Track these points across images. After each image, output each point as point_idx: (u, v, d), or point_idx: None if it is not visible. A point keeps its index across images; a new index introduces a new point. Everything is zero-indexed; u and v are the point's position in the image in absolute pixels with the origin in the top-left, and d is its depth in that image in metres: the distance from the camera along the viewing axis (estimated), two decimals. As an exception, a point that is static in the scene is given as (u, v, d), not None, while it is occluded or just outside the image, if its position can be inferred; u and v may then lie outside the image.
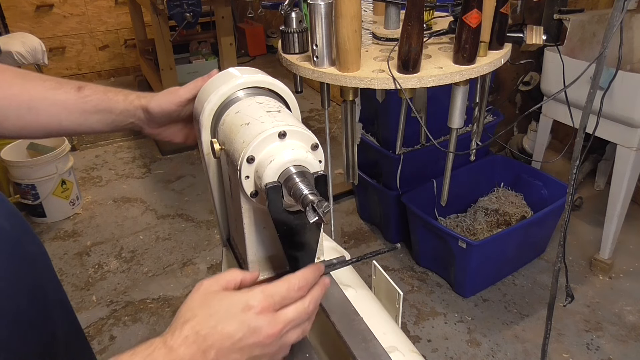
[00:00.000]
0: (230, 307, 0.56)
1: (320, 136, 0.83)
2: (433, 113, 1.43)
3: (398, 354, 0.76)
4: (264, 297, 0.57)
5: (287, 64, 1.08)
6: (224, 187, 0.85)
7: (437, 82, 0.95)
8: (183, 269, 2.18)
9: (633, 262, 2.11)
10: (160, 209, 2.61)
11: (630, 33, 2.15)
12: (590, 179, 2.57)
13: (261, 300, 0.57)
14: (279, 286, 0.59)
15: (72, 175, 2.57)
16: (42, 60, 2.95)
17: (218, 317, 0.55)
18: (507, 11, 1.01)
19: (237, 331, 0.55)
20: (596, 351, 1.72)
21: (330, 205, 0.61)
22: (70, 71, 4.31)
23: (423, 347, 1.75)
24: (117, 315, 1.94)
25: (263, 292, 0.58)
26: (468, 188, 2.25)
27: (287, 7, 1.02)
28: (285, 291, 0.59)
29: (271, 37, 4.85)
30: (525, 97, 2.69)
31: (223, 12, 2.90)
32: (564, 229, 1.20)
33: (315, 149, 0.68)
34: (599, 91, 1.09)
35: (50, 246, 2.35)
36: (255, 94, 0.77)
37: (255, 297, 0.57)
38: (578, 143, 1.12)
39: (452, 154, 1.14)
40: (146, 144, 3.30)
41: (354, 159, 1.19)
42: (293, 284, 0.59)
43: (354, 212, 2.51)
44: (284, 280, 0.60)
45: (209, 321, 0.55)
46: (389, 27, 1.14)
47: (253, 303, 0.56)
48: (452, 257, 1.90)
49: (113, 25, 4.34)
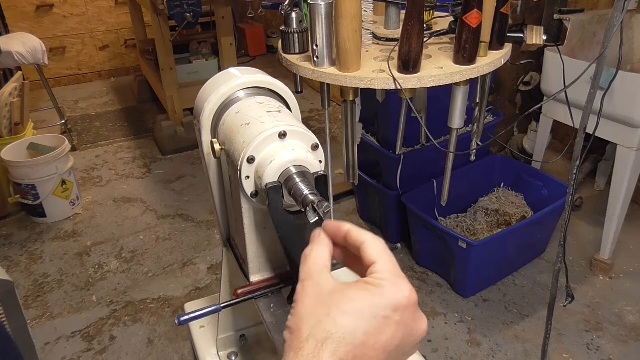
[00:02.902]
0: (373, 308, 0.42)
1: (320, 136, 0.83)
2: (433, 113, 1.43)
3: (398, 354, 0.76)
4: (405, 284, 0.45)
5: (287, 64, 1.08)
6: (224, 187, 0.85)
7: (437, 82, 0.95)
8: (183, 269, 2.18)
9: (633, 262, 2.11)
10: (160, 209, 2.61)
11: (630, 33, 2.15)
12: (590, 179, 2.57)
13: (408, 291, 0.44)
14: (389, 259, 0.47)
15: (72, 175, 2.57)
16: (42, 60, 2.96)
17: (364, 328, 0.41)
18: (507, 11, 1.00)
19: (394, 338, 0.43)
20: (596, 351, 1.72)
21: (330, 205, 0.60)
22: (70, 71, 4.31)
23: (423, 347, 1.75)
24: (117, 315, 1.94)
25: (395, 276, 0.45)
26: (468, 188, 2.25)
27: (287, 7, 1.02)
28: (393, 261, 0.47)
29: (271, 37, 4.85)
30: (525, 97, 2.69)
31: (223, 12, 2.90)
32: (564, 229, 1.20)
33: (315, 149, 0.68)
34: (599, 91, 1.09)
35: (50, 246, 2.36)
36: (256, 94, 0.77)
37: (399, 291, 0.44)
38: (578, 143, 1.12)
39: (452, 154, 1.14)
40: (146, 144, 3.30)
41: (354, 159, 1.18)
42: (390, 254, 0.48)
43: (354, 212, 2.51)
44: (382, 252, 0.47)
45: (355, 336, 0.41)
46: (389, 27, 1.14)
47: (401, 300, 0.44)
48: (452, 257, 1.90)
49: (113, 25, 4.34)
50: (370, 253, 0.47)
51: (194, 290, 2.06)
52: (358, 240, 0.48)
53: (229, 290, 0.96)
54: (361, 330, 0.41)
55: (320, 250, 0.48)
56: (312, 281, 0.45)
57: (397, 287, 0.44)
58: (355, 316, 0.42)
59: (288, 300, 0.78)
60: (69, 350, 1.80)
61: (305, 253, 0.49)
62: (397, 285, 0.44)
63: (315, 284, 0.45)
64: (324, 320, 0.41)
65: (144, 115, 3.74)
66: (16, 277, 2.15)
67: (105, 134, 3.47)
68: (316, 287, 0.45)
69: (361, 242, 0.48)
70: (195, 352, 1.06)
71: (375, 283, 0.44)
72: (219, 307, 0.58)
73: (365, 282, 0.45)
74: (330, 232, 0.50)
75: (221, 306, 0.58)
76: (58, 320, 1.94)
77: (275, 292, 0.79)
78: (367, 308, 0.42)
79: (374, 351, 0.42)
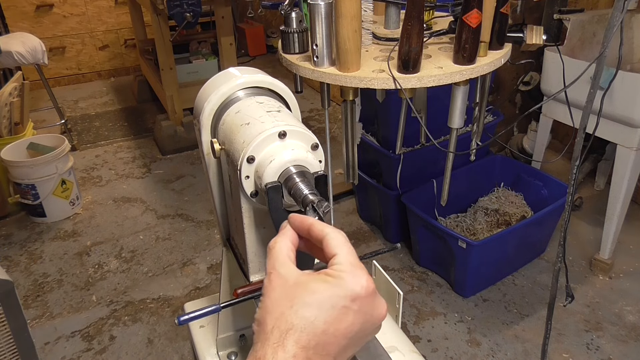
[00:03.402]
0: (332, 299, 0.45)
1: (320, 136, 0.83)
2: (433, 113, 1.43)
3: (398, 354, 0.76)
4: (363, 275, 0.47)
5: (287, 64, 1.08)
6: (224, 187, 0.85)
7: (437, 82, 0.95)
8: (183, 269, 2.18)
9: (633, 262, 2.11)
10: (160, 209, 2.61)
11: (630, 33, 2.15)
12: (590, 179, 2.57)
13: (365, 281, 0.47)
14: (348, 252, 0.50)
15: (72, 175, 2.57)
16: (42, 60, 2.96)
17: (324, 317, 0.44)
18: (507, 11, 1.00)
19: (353, 325, 0.46)
20: (596, 351, 1.72)
21: (330, 205, 0.60)
22: (70, 71, 4.31)
23: (423, 347, 1.75)
24: (117, 315, 1.94)
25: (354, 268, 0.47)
26: (468, 188, 2.25)
27: (287, 7, 1.02)
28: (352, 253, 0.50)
29: (271, 37, 4.85)
30: (525, 97, 2.69)
31: (223, 12, 2.90)
32: (564, 229, 1.20)
33: (315, 149, 0.68)
34: (599, 91, 1.09)
35: (50, 246, 2.36)
36: (256, 94, 0.77)
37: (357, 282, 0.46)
38: (578, 143, 1.12)
39: (452, 154, 1.14)
40: (146, 144, 3.30)
41: (354, 159, 1.18)
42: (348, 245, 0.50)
43: (354, 212, 2.51)
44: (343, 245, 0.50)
45: (316, 326, 0.44)
46: (389, 27, 1.14)
47: (359, 291, 0.46)
48: (452, 257, 1.90)
49: (113, 25, 4.34)
50: (332, 245, 0.49)
51: (194, 290, 2.06)
52: (320, 234, 0.51)
53: (229, 290, 0.96)
54: (322, 320, 0.44)
55: (283, 242, 0.51)
56: (277, 273, 0.48)
57: (356, 278, 0.47)
58: (316, 307, 0.45)
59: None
60: (69, 350, 1.80)
61: (270, 246, 0.51)
62: (356, 276, 0.47)
63: (280, 276, 0.47)
64: (287, 313, 0.44)
65: (144, 115, 3.74)
66: (16, 277, 2.15)
67: (105, 134, 3.47)
68: (280, 279, 0.47)
69: (323, 235, 0.50)
70: (195, 352, 1.06)
71: (335, 275, 0.47)
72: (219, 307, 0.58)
73: (326, 273, 0.47)
74: (295, 225, 0.53)
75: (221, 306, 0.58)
76: (58, 320, 1.94)
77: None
78: (327, 299, 0.45)
79: (334, 338, 0.45)
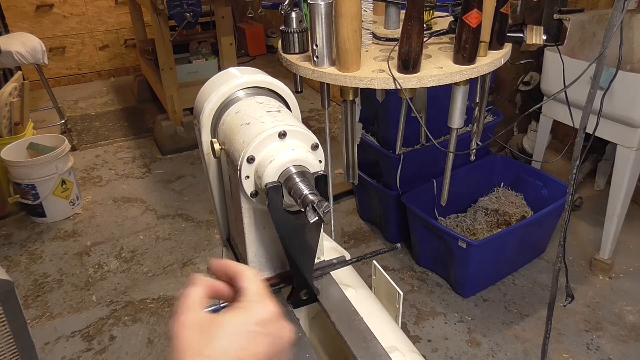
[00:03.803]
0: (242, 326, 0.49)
1: (320, 136, 0.83)
2: (433, 113, 1.43)
3: (398, 354, 0.76)
4: (268, 301, 0.52)
5: (287, 64, 1.08)
6: (224, 187, 0.85)
7: (437, 82, 0.95)
8: (183, 269, 2.18)
9: (633, 262, 2.11)
10: (160, 209, 2.61)
11: (630, 33, 2.15)
12: (590, 179, 2.57)
13: (271, 307, 0.51)
14: (257, 284, 0.54)
15: (72, 175, 2.57)
16: (42, 60, 2.96)
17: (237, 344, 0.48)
18: (507, 11, 1.00)
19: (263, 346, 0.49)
20: (596, 351, 1.72)
21: (330, 205, 0.60)
22: (70, 71, 4.31)
23: (423, 347, 1.75)
24: (117, 315, 1.94)
25: (260, 296, 0.52)
26: (468, 188, 2.25)
27: (287, 7, 1.02)
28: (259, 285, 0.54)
29: (271, 37, 4.85)
30: (525, 97, 2.69)
31: (223, 12, 2.90)
32: (564, 229, 1.20)
33: (315, 149, 0.68)
34: (599, 91, 1.09)
35: (50, 246, 2.36)
36: (256, 94, 0.77)
37: (263, 308, 0.51)
38: (578, 143, 1.12)
39: (452, 154, 1.14)
40: (146, 144, 3.30)
41: (354, 159, 1.18)
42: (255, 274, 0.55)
43: (354, 212, 2.51)
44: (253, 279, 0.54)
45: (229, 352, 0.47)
46: (389, 27, 1.14)
47: (265, 316, 0.50)
48: (452, 257, 1.90)
49: (113, 25, 4.34)
50: (243, 280, 0.54)
51: (194, 290, 2.06)
52: (234, 270, 0.55)
53: (229, 290, 0.96)
54: (235, 347, 0.48)
55: (192, 290, 0.54)
56: (188, 316, 0.50)
57: (262, 305, 0.51)
58: (229, 336, 0.48)
59: (288, 300, 0.78)
60: (69, 350, 1.80)
61: (183, 293, 0.54)
62: (262, 303, 0.51)
63: (191, 317, 0.50)
64: (204, 348, 0.47)
65: (144, 115, 3.74)
66: (16, 277, 2.15)
67: (105, 134, 3.47)
68: (193, 320, 0.50)
69: (236, 272, 0.55)
70: (195, 352, 1.06)
71: (244, 305, 0.51)
72: (219, 307, 0.58)
73: (236, 305, 0.52)
74: (214, 269, 0.57)
75: (221, 306, 0.58)
76: (58, 320, 1.94)
77: (275, 292, 0.79)
78: (238, 326, 0.49)
79: None
